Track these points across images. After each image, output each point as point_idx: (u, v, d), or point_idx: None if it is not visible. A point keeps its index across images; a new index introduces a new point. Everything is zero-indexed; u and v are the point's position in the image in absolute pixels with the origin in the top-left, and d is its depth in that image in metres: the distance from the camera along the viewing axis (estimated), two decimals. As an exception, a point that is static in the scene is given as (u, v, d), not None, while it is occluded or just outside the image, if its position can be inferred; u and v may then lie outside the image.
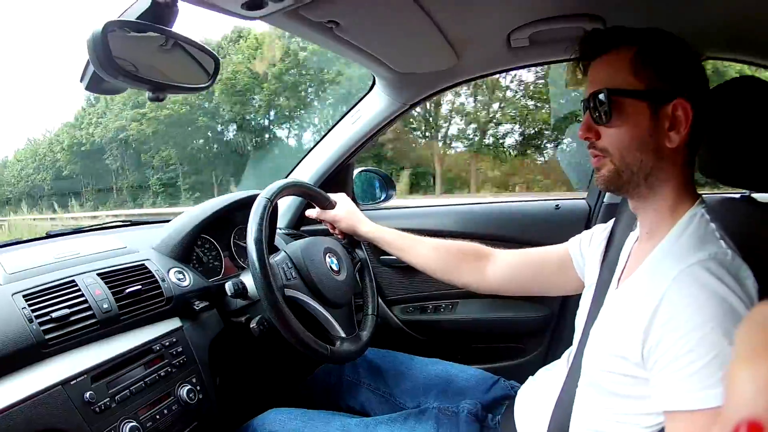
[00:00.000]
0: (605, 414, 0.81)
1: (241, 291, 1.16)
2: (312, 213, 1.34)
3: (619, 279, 0.91)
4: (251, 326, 1.14)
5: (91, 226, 1.48)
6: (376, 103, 1.62)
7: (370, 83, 1.59)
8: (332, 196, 1.33)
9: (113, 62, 0.76)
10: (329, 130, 1.74)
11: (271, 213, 1.10)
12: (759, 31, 1.15)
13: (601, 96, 0.79)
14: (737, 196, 1.05)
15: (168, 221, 1.40)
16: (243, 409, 1.28)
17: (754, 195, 1.03)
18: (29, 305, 0.90)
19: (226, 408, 1.19)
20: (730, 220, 0.84)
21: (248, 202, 1.26)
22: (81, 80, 0.88)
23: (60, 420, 0.84)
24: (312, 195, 1.30)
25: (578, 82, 0.89)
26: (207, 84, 0.96)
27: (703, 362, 0.62)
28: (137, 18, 0.83)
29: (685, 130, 0.77)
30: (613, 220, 1.06)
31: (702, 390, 0.62)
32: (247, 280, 1.17)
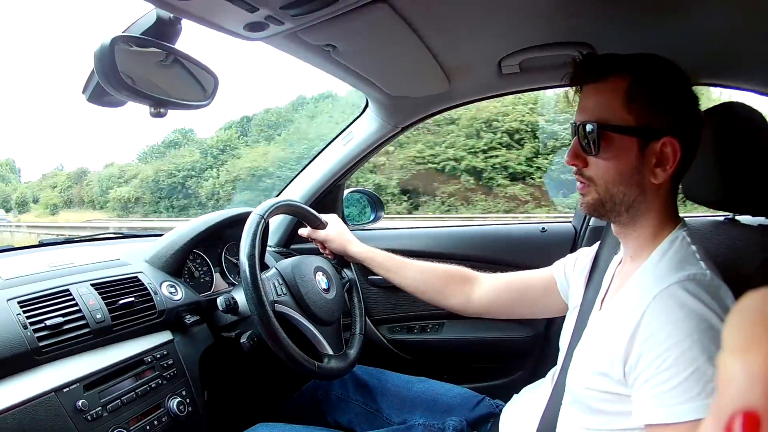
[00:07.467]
0: (588, 431, 0.83)
1: (232, 306, 1.16)
2: (303, 232, 1.36)
3: (602, 300, 0.92)
4: (241, 341, 1.14)
5: (83, 236, 1.50)
6: (368, 125, 1.66)
7: (363, 105, 1.63)
8: (323, 216, 1.35)
9: (118, 76, 0.79)
10: (321, 151, 1.76)
11: (263, 230, 1.12)
12: (746, 58, 1.18)
13: (590, 127, 0.79)
14: (721, 218, 1.08)
15: (160, 235, 1.41)
16: (231, 423, 1.28)
17: (738, 217, 1.06)
18: (24, 312, 0.92)
19: (214, 421, 1.19)
20: (714, 242, 0.86)
21: (239, 219, 1.29)
22: (83, 92, 0.90)
23: (52, 427, 0.86)
24: (304, 214, 1.32)
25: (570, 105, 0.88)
26: (206, 102, 0.98)
27: (682, 377, 0.64)
28: (141, 33, 0.86)
29: (672, 168, 0.77)
30: (598, 243, 1.08)
31: (681, 404, 0.64)
32: (239, 295, 1.17)
